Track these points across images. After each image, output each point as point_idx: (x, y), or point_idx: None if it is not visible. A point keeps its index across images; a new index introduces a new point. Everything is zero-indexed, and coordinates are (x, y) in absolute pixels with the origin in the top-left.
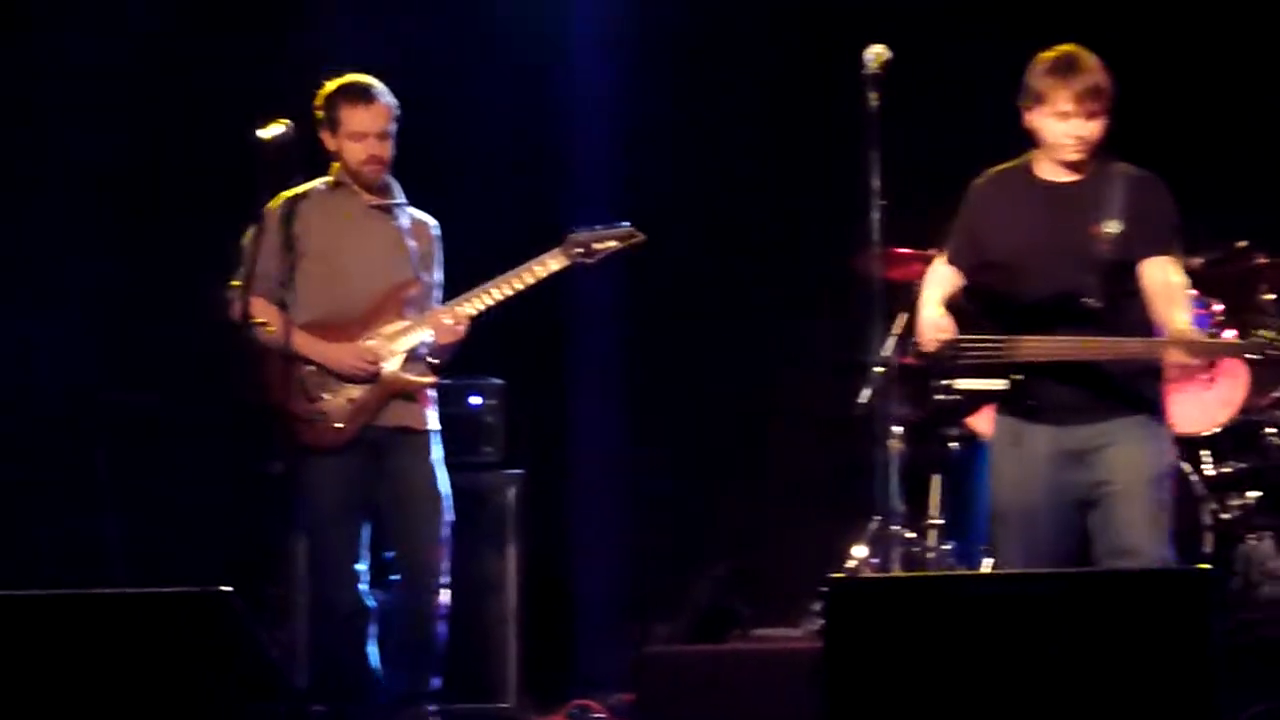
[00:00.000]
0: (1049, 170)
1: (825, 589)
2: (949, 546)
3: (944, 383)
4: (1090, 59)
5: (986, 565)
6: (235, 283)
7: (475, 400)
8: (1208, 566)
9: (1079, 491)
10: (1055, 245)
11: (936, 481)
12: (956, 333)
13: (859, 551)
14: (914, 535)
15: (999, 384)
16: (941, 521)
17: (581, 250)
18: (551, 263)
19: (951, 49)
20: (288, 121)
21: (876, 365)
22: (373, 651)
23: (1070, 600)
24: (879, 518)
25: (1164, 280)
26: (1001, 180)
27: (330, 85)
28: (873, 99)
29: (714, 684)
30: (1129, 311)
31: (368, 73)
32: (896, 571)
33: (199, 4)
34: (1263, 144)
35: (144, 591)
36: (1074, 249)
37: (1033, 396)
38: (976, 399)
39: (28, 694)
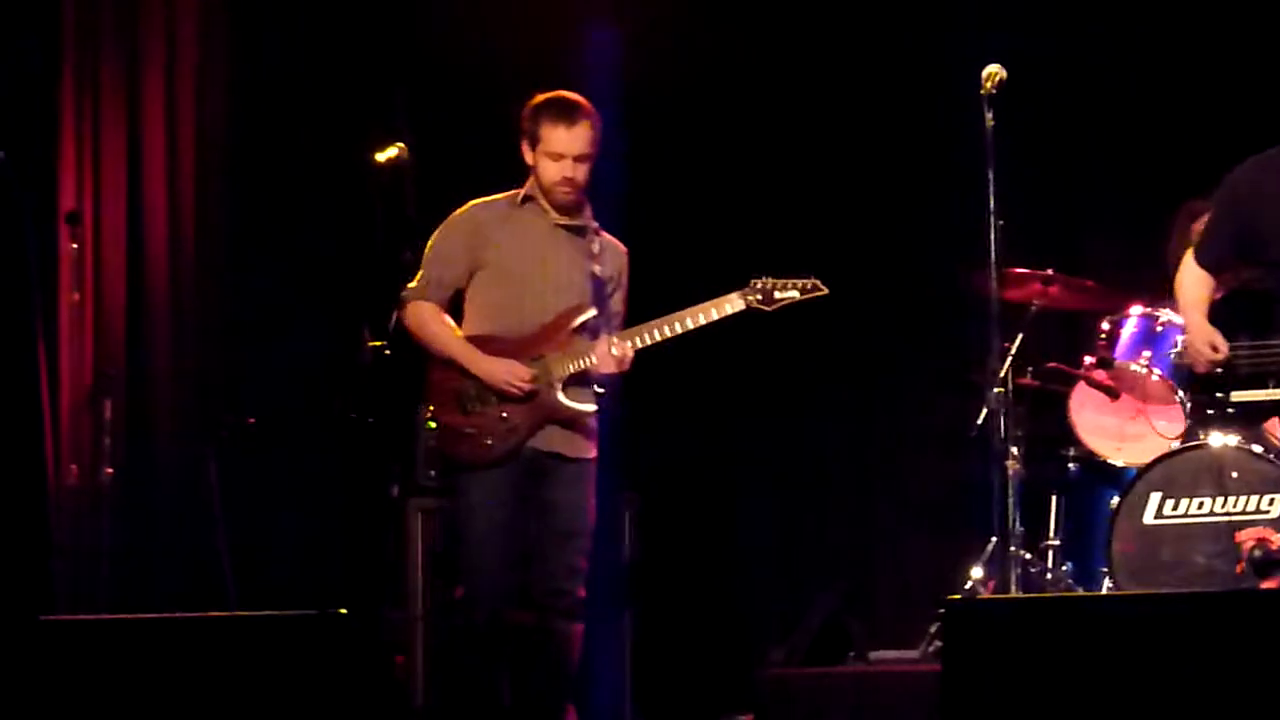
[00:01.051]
0: None
1: (942, 611)
2: (1067, 568)
3: (1219, 396)
4: None
5: (1105, 587)
6: (411, 285)
7: None
8: None
9: None
10: None
11: (1055, 502)
12: (1226, 346)
13: (976, 573)
14: (1032, 556)
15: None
16: (1059, 542)
17: (761, 297)
18: (728, 305)
19: (1069, 67)
20: (403, 144)
21: (994, 385)
22: (502, 675)
23: (1195, 622)
24: (996, 539)
25: None
26: (1272, 168)
27: (538, 98)
28: (989, 118)
29: (831, 706)
30: None
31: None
32: (1014, 593)
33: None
34: None
35: (264, 614)
36: None
37: None
38: (1257, 409)
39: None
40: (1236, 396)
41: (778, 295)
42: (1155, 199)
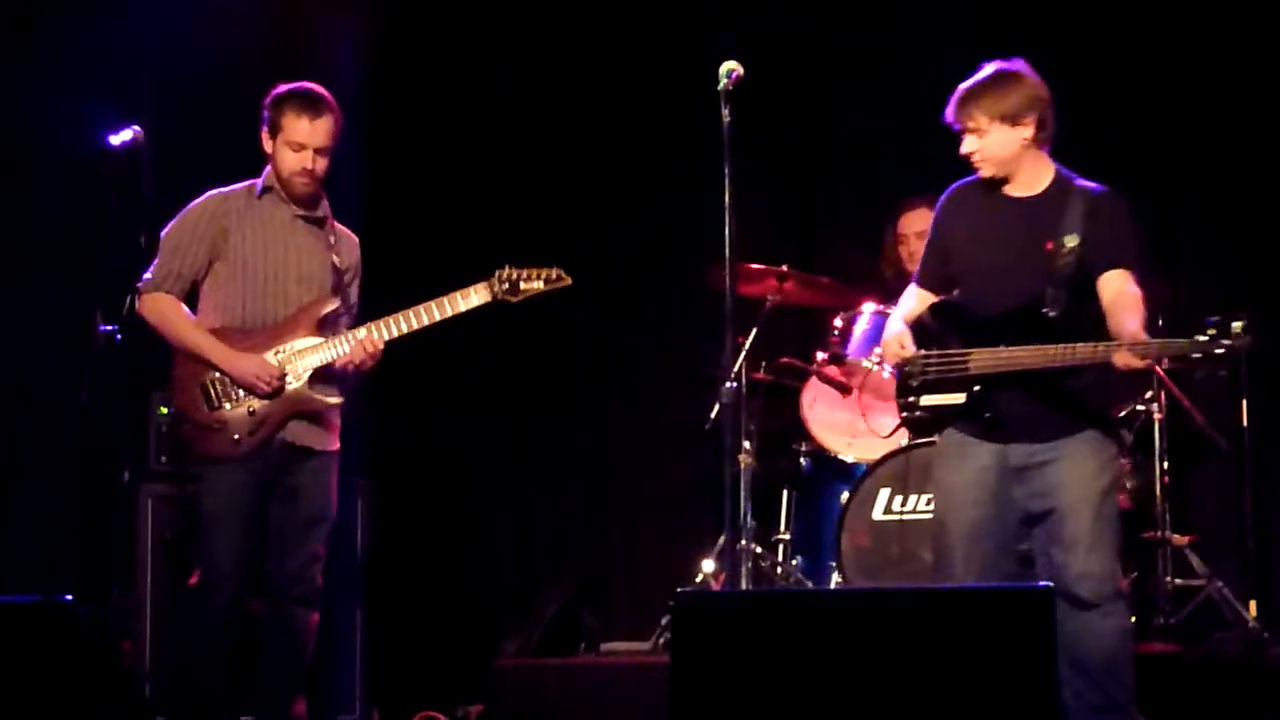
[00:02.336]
0: (1012, 185)
1: (672, 603)
2: (798, 562)
3: (910, 399)
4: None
5: (834, 581)
6: (148, 276)
7: None
8: (1050, 584)
9: (1022, 506)
10: (1013, 258)
11: (787, 496)
12: (915, 349)
13: (708, 566)
14: (763, 550)
15: (959, 398)
16: (790, 537)
17: (507, 287)
18: (474, 296)
19: (806, 64)
20: (138, 127)
21: (728, 379)
22: (234, 664)
23: (916, 617)
24: (728, 532)
25: (1119, 290)
26: (964, 194)
27: (282, 88)
28: (725, 115)
29: (563, 697)
30: (1088, 325)
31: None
32: (744, 586)
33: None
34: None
35: None
36: (1032, 262)
37: (990, 410)
38: (944, 415)
39: None
40: (925, 401)
41: (523, 286)
42: (889, 197)
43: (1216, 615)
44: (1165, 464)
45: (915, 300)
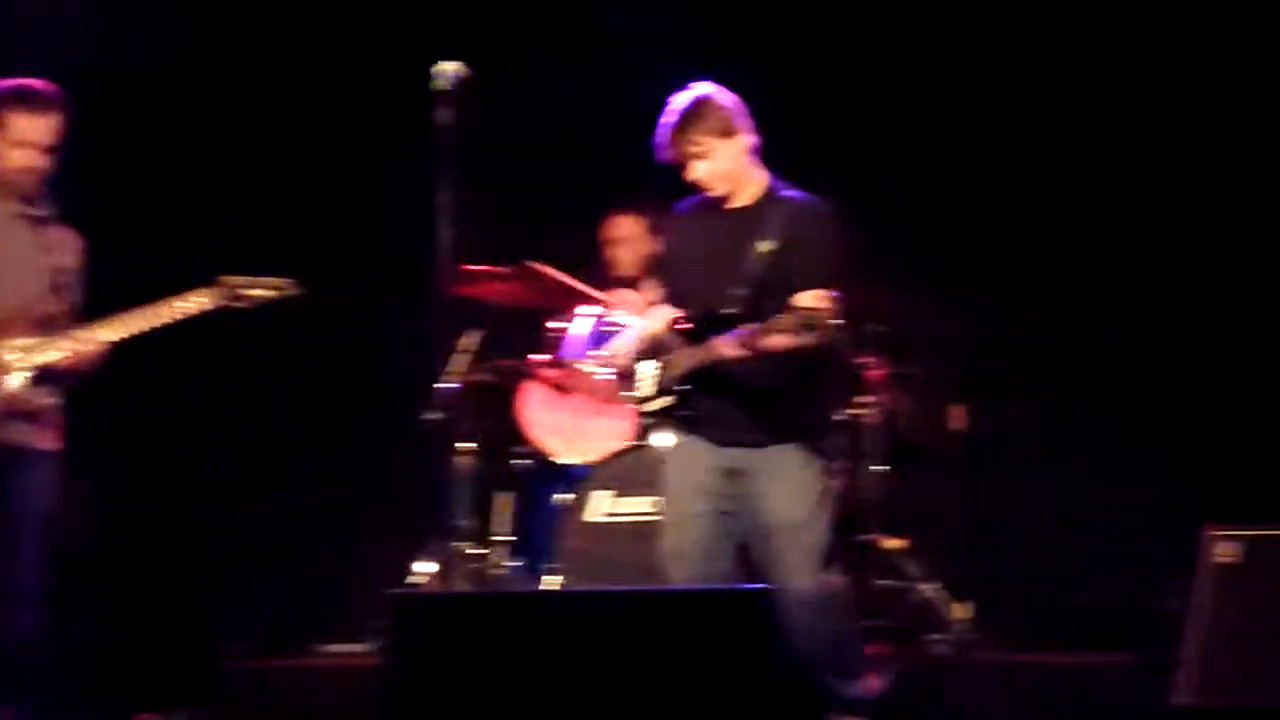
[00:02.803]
0: (729, 199)
1: (387, 604)
2: (516, 563)
3: (635, 404)
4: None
5: (553, 582)
6: None
7: None
8: (767, 585)
9: (739, 508)
10: (714, 263)
11: (505, 498)
12: (635, 357)
13: (424, 567)
14: (480, 551)
15: (670, 401)
16: (508, 538)
17: (233, 294)
18: (199, 300)
19: (536, 67)
20: None
21: (447, 380)
22: None
23: (635, 619)
24: (445, 533)
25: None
26: (685, 212)
27: (3, 84)
28: (443, 115)
29: (283, 698)
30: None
31: None
32: (461, 588)
33: None
34: None
35: None
36: (729, 266)
37: (690, 409)
38: (665, 415)
39: None
40: (648, 406)
41: (246, 292)
42: (612, 201)
43: (928, 617)
44: (878, 466)
45: (654, 314)
